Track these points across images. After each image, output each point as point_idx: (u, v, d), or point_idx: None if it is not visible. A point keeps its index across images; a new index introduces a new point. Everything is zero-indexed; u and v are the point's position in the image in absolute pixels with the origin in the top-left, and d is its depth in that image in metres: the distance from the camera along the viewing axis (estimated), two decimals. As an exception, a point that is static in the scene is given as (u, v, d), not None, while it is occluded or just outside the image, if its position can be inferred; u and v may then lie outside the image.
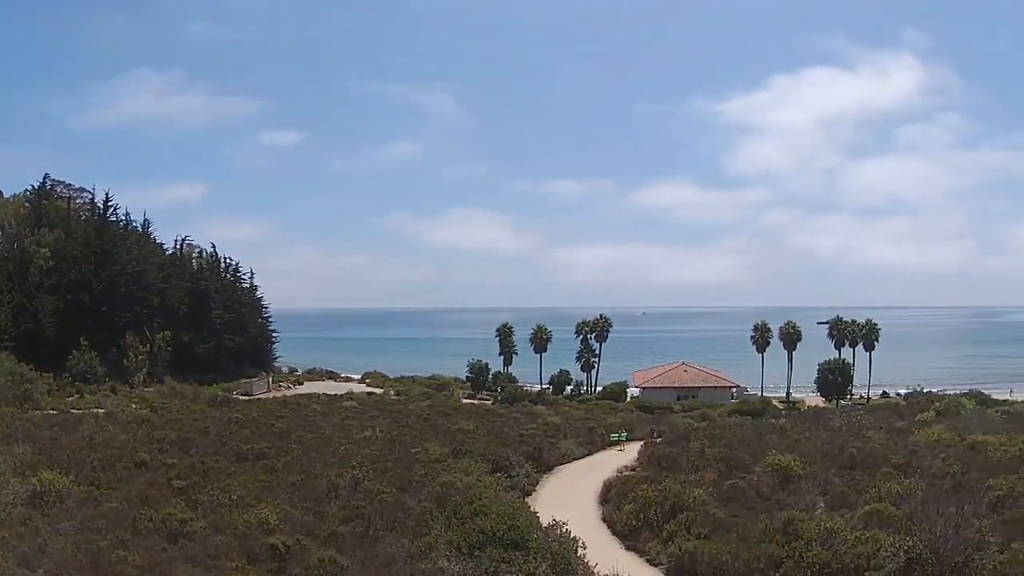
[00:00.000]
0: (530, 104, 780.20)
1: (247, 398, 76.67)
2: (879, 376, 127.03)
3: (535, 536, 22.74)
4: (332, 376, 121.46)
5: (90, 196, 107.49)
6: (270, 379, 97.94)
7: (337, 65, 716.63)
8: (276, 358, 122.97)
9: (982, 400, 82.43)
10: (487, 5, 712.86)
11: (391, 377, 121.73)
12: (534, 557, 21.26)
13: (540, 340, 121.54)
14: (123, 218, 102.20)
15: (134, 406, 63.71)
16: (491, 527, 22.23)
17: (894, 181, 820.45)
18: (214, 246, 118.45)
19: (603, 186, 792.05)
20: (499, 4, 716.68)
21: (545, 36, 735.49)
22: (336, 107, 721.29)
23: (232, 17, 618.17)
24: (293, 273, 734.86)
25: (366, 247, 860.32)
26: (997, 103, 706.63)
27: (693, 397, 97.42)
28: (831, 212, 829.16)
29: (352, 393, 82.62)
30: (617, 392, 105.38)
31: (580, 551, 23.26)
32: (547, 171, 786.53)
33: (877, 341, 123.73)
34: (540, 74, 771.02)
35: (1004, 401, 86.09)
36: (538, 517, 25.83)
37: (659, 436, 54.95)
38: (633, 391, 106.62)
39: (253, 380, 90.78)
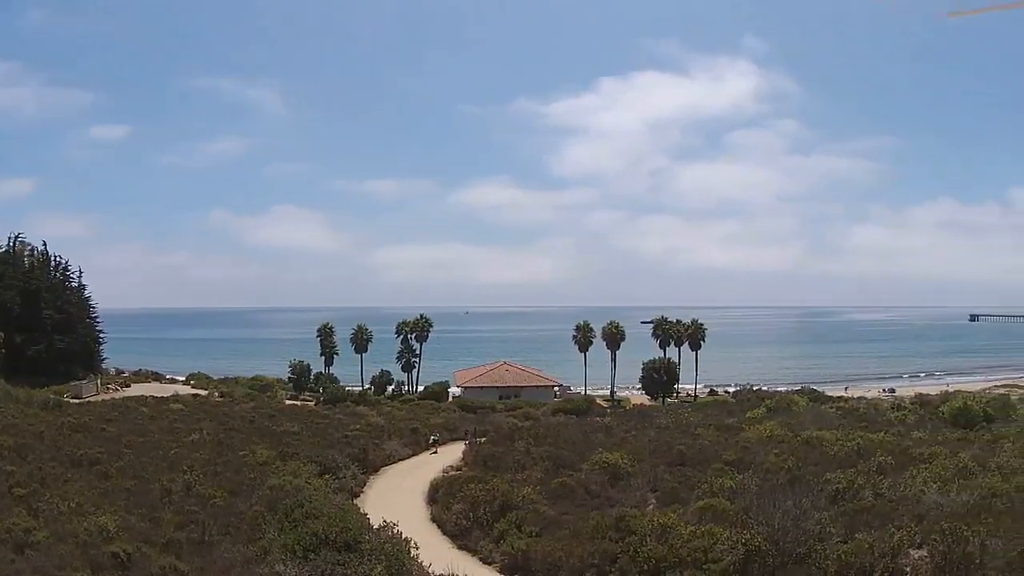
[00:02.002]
0: (355, 103, 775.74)
1: (78, 401, 73.77)
2: (707, 374, 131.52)
3: (368, 538, 22.81)
4: (158, 378, 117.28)
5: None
6: (98, 381, 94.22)
7: (170, 58, 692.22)
8: (104, 360, 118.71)
9: (815, 397, 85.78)
10: (319, 2, 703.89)
11: (215, 378, 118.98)
12: (368, 559, 21.30)
13: (360, 340, 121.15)
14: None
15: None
16: (323, 530, 22.23)
17: (725, 185, 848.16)
18: (45, 243, 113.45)
19: (423, 186, 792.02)
20: (330, 1, 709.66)
21: (373, 34, 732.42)
22: (166, 101, 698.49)
23: (71, 6, 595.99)
24: (118, 271, 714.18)
25: (190, 245, 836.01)
26: (834, 110, 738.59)
27: (516, 396, 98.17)
28: (658, 214, 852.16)
29: (178, 395, 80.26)
30: (438, 392, 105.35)
31: (413, 551, 23.35)
32: (368, 170, 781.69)
33: (703, 340, 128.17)
34: (366, 73, 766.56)
35: (839, 398, 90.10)
36: (368, 519, 25.90)
37: (480, 436, 54.46)
38: (455, 391, 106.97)
39: (82, 383, 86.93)
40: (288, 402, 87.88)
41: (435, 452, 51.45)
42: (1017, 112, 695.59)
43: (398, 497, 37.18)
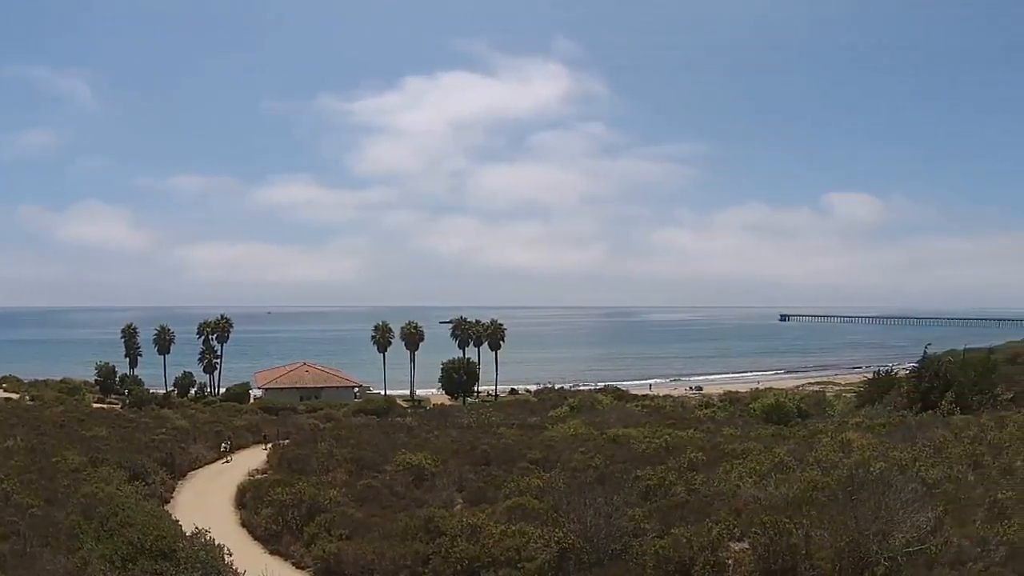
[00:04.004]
0: (160, 96, 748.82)
1: None
2: (508, 374, 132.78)
3: (182, 545, 22.29)
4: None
5: None
6: None
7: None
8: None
9: (620, 395, 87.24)
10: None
11: (25, 381, 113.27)
12: (184, 567, 20.99)
13: (163, 341, 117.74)
14: None
15: None
16: (139, 538, 21.72)
17: (528, 186, 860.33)
18: None
19: (226, 183, 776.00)
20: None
21: (182, 28, 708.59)
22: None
23: None
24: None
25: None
26: (646, 114, 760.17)
27: (316, 397, 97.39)
28: (457, 214, 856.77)
29: (-11, 400, 76.50)
30: (240, 393, 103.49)
31: (227, 558, 22.95)
32: (172, 166, 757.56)
33: (503, 340, 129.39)
34: (172, 65, 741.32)
35: (644, 396, 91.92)
36: (181, 525, 25.27)
37: (284, 439, 53.62)
38: (256, 392, 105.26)
39: None
40: (96, 405, 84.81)
41: (228, 461, 48.66)
42: (833, 120, 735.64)
43: (207, 502, 36.30)
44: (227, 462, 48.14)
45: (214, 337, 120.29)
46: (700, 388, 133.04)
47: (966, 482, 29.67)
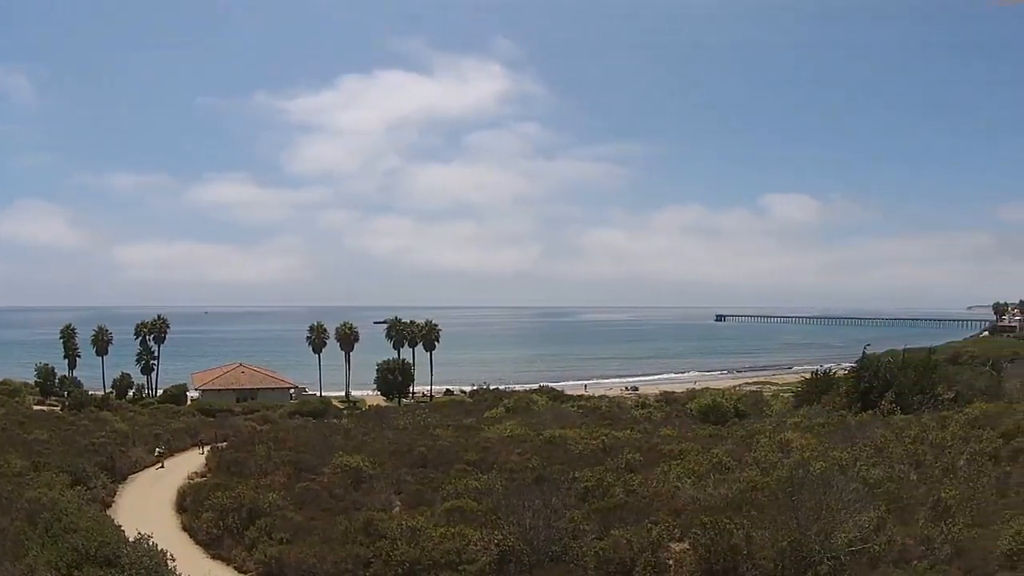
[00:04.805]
0: (98, 93, 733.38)
1: None
2: (443, 374, 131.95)
3: (126, 551, 22.22)
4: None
5: None
6: None
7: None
8: None
9: (555, 396, 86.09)
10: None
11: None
12: (129, 573, 20.99)
13: (101, 342, 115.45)
14: None
15: None
16: (83, 545, 21.64)
17: (462, 186, 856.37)
18: None
19: (162, 181, 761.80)
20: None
21: (121, 23, 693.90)
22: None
23: None
24: None
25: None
26: (583, 115, 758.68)
27: (252, 399, 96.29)
28: (390, 214, 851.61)
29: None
30: (177, 395, 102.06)
31: (170, 563, 22.84)
32: (109, 164, 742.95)
33: (438, 341, 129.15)
34: (111, 62, 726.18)
35: (580, 397, 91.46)
36: (124, 531, 25.06)
37: (220, 441, 53.06)
38: (193, 394, 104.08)
39: None
40: (36, 407, 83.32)
41: (161, 467, 47.23)
42: (771, 121, 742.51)
43: (148, 506, 35.99)
44: (160, 467, 47.09)
45: (151, 338, 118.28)
46: (636, 388, 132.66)
47: (908, 481, 30.06)
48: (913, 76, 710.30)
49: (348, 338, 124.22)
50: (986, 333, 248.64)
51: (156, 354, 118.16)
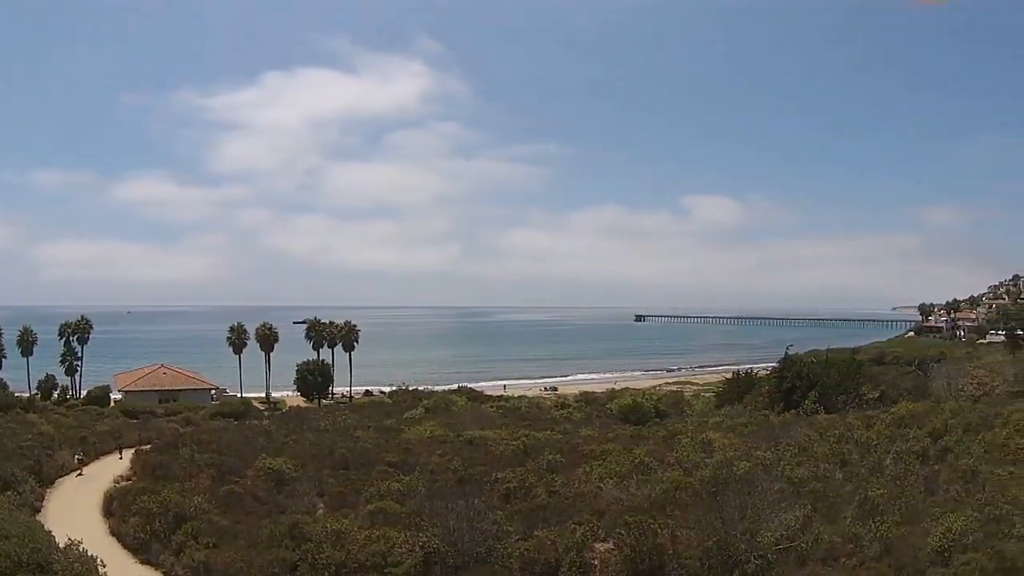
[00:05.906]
0: (21, 88, 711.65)
1: None
2: (362, 374, 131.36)
3: (57, 557, 22.26)
4: None
5: None
6: None
7: None
8: None
9: (474, 396, 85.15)
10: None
11: None
12: (61, 580, 20.82)
13: (26, 342, 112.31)
14: None
15: None
16: (15, 551, 21.53)
17: (381, 185, 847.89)
18: None
19: (85, 179, 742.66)
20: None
21: (44, 17, 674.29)
22: None
23: None
24: None
25: None
26: (503, 115, 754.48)
27: (174, 400, 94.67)
28: (309, 213, 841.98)
29: None
30: (100, 396, 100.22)
31: (101, 569, 22.87)
32: (32, 160, 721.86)
33: (357, 342, 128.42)
34: (34, 56, 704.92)
35: (499, 397, 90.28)
36: (55, 536, 24.99)
37: (144, 444, 52.23)
38: (116, 395, 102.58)
39: None
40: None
41: (81, 474, 45.26)
42: (693, 122, 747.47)
43: (76, 511, 35.49)
44: (80, 475, 45.18)
45: (75, 338, 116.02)
46: (555, 388, 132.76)
47: (834, 480, 30.59)
48: (838, 79, 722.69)
49: (268, 339, 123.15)
50: (911, 334, 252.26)
51: (80, 355, 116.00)
